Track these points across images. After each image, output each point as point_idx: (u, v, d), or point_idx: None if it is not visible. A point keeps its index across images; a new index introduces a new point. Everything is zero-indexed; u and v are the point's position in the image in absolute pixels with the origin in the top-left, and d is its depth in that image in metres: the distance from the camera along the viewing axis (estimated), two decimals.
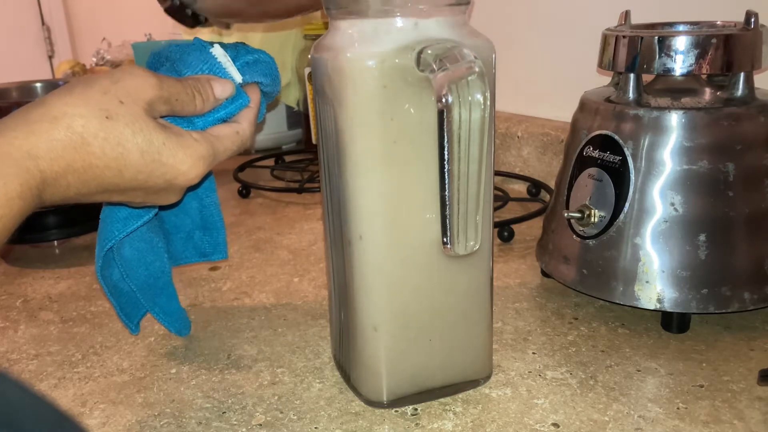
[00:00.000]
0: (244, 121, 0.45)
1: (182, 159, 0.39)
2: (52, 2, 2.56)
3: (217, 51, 0.45)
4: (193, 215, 0.54)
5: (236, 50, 0.46)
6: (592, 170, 0.53)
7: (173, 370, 0.49)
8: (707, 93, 0.53)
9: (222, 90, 0.43)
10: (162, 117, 0.41)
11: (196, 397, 0.46)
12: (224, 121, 0.44)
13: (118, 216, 0.47)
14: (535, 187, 0.84)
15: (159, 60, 0.47)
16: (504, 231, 0.71)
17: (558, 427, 0.41)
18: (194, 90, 0.42)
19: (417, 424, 0.42)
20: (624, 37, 0.51)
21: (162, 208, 0.50)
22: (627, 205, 0.50)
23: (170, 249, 0.54)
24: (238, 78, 0.45)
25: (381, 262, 0.41)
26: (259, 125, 0.49)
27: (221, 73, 0.44)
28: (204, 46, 0.45)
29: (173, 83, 0.41)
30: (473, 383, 0.45)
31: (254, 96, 0.46)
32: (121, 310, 0.51)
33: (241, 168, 0.99)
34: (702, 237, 0.49)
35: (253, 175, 0.99)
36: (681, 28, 0.55)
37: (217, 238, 0.55)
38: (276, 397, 0.45)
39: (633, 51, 0.51)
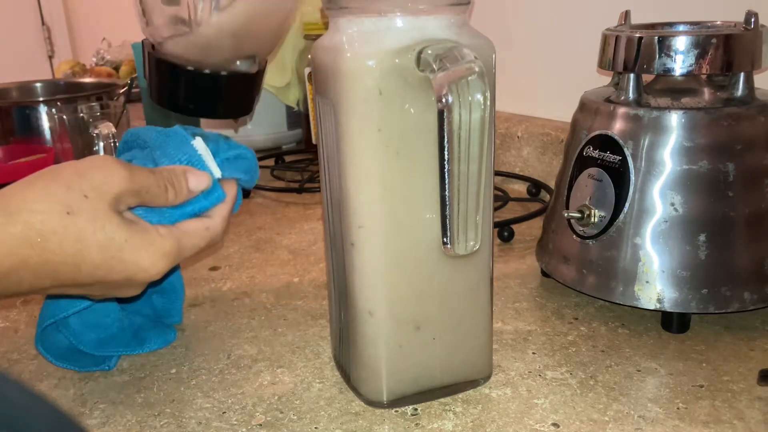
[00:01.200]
0: (217, 216, 0.44)
1: (144, 257, 0.38)
2: (52, 2, 2.57)
3: (199, 144, 0.44)
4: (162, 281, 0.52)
5: (217, 144, 0.45)
6: (592, 170, 0.53)
7: (173, 370, 0.49)
8: (707, 93, 0.53)
9: (197, 183, 0.42)
10: (131, 208, 0.40)
11: (196, 397, 0.46)
12: (197, 214, 0.43)
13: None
14: (535, 187, 0.84)
15: (137, 142, 0.46)
16: (504, 231, 0.71)
17: (558, 427, 0.41)
18: (167, 182, 0.41)
19: (417, 424, 0.42)
20: (624, 37, 0.51)
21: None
22: (627, 205, 0.50)
23: (125, 307, 0.52)
24: (217, 173, 0.44)
25: (381, 262, 0.41)
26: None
27: (200, 166, 0.43)
28: (186, 137, 0.44)
29: (145, 175, 0.40)
30: (473, 383, 0.45)
31: (230, 191, 0.45)
32: (83, 367, 0.49)
33: None
34: (702, 237, 0.49)
35: None
36: (681, 28, 0.55)
37: (174, 302, 0.54)
38: (276, 397, 0.45)
39: (633, 51, 0.51)
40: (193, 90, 0.54)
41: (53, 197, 0.36)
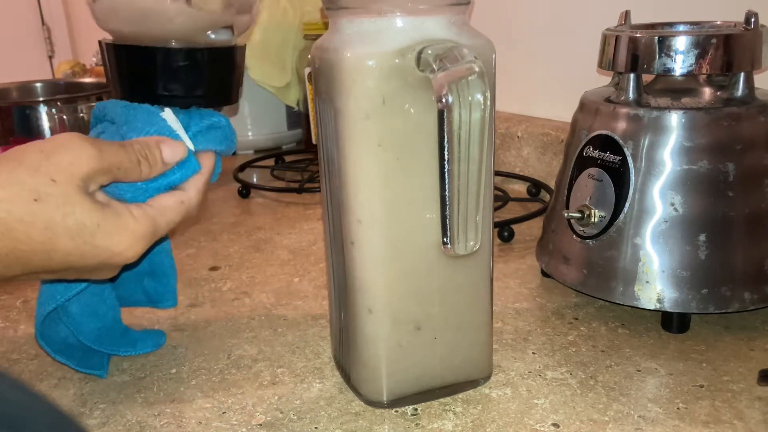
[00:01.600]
0: (191, 188, 0.42)
1: (118, 241, 0.37)
2: (52, 2, 2.56)
3: (168, 116, 0.42)
4: (141, 261, 0.50)
5: (189, 116, 0.44)
6: (592, 170, 0.53)
7: (173, 370, 0.49)
8: (707, 93, 0.53)
9: (172, 153, 0.40)
10: (104, 186, 0.38)
11: (196, 397, 0.46)
12: (172, 188, 0.41)
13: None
14: (535, 187, 0.84)
15: (102, 118, 0.44)
16: (504, 231, 0.71)
17: (558, 427, 0.41)
18: (140, 156, 0.39)
19: (417, 424, 0.42)
20: (624, 37, 0.51)
21: None
22: (627, 205, 0.50)
23: (118, 292, 0.51)
24: (190, 147, 0.42)
25: (381, 262, 0.41)
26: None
27: (171, 137, 0.41)
28: (154, 109, 0.42)
29: (115, 151, 0.38)
30: (473, 383, 0.45)
31: (207, 162, 0.43)
32: (78, 364, 0.48)
33: (241, 168, 0.99)
34: (702, 237, 0.49)
35: (253, 175, 0.99)
36: (681, 28, 0.55)
37: (166, 285, 0.53)
38: (276, 397, 0.45)
39: (633, 51, 0.51)
40: (171, 73, 0.45)
41: (19, 184, 0.34)
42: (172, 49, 0.43)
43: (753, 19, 0.50)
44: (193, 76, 0.44)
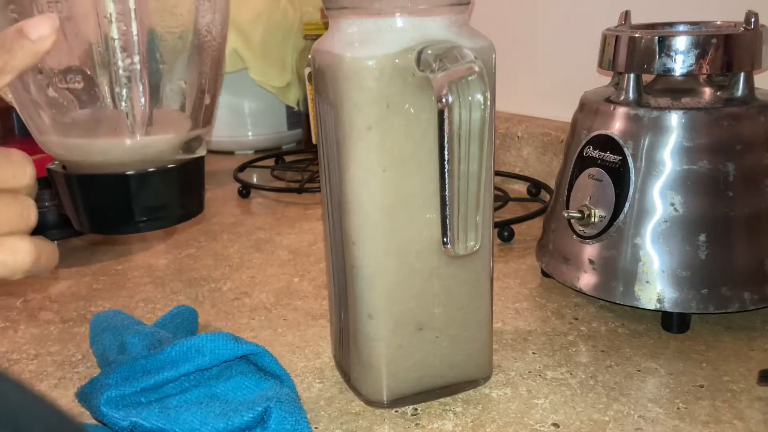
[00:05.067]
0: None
1: None
2: None
3: None
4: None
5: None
6: (592, 170, 0.53)
7: None
8: (707, 93, 0.53)
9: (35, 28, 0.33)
10: None
11: None
12: None
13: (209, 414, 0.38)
14: (535, 187, 0.84)
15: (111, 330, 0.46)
16: (504, 231, 0.71)
17: (558, 427, 0.41)
18: None
19: (417, 424, 0.42)
20: (624, 37, 0.51)
21: None
22: (627, 205, 0.50)
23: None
24: None
25: (381, 262, 0.41)
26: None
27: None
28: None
29: None
30: (473, 383, 0.45)
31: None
32: None
33: (241, 168, 0.99)
34: (702, 237, 0.49)
35: (253, 175, 0.99)
36: (681, 28, 0.55)
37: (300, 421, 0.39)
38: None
39: (633, 51, 0.51)
40: (148, 196, 0.42)
41: None
42: (146, 174, 0.41)
43: (753, 19, 0.50)
44: (170, 194, 0.42)
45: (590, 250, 0.53)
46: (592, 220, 0.52)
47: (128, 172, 0.41)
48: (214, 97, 0.44)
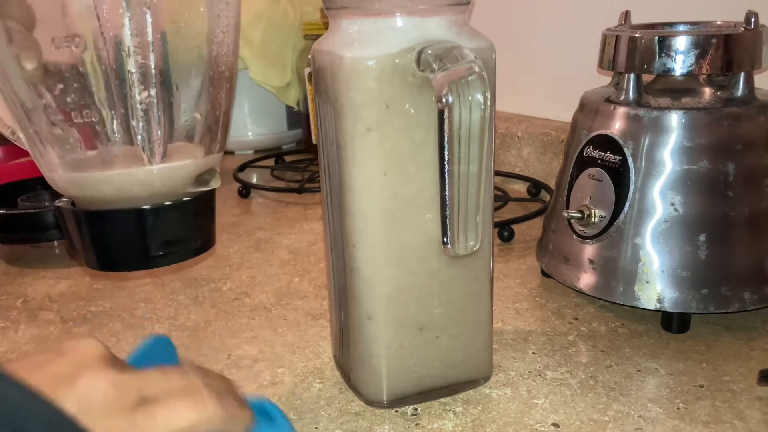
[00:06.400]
0: None
1: None
2: None
3: None
4: None
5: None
6: (592, 170, 0.53)
7: None
8: (707, 93, 0.53)
9: None
10: None
11: None
12: None
13: None
14: (535, 187, 0.84)
15: None
16: (504, 231, 0.71)
17: (558, 427, 0.41)
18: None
19: (417, 424, 0.42)
20: (624, 37, 0.51)
21: None
22: (627, 205, 0.50)
23: None
24: None
25: (381, 262, 0.41)
26: None
27: None
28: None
29: None
30: (473, 383, 0.45)
31: None
32: None
33: (241, 168, 0.99)
34: (702, 237, 0.49)
35: (253, 175, 0.99)
36: (681, 28, 0.55)
37: None
38: (276, 397, 0.45)
39: (633, 51, 0.51)
40: (163, 231, 0.41)
41: None
42: (163, 207, 0.40)
43: (753, 19, 0.50)
44: (186, 228, 0.42)
45: (590, 250, 0.53)
46: (592, 220, 0.52)
47: (144, 207, 0.40)
48: (227, 127, 0.44)
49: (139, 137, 0.39)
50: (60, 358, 0.27)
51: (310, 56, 0.42)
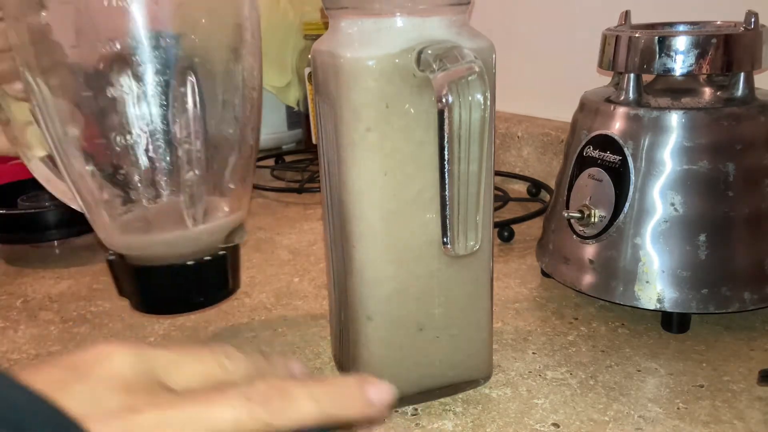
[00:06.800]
0: None
1: None
2: None
3: None
4: None
5: None
6: (592, 170, 0.53)
7: None
8: (707, 93, 0.53)
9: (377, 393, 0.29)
10: None
11: None
12: None
13: None
14: (535, 187, 0.84)
15: None
16: (504, 231, 0.71)
17: (558, 427, 0.41)
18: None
19: (417, 424, 0.42)
20: (624, 37, 0.51)
21: None
22: (627, 205, 0.50)
23: None
24: None
25: (381, 262, 0.41)
26: None
27: None
28: None
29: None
30: (473, 383, 0.45)
31: None
32: None
33: None
34: (702, 237, 0.49)
35: None
36: (681, 28, 0.55)
37: None
38: None
39: (633, 51, 0.51)
40: (203, 282, 0.47)
41: None
42: (204, 263, 0.46)
43: (753, 19, 0.50)
44: (222, 277, 0.48)
45: (590, 250, 0.53)
46: (592, 220, 0.52)
47: (188, 263, 0.46)
48: (250, 182, 0.50)
49: (182, 202, 0.44)
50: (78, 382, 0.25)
51: (310, 56, 0.42)
